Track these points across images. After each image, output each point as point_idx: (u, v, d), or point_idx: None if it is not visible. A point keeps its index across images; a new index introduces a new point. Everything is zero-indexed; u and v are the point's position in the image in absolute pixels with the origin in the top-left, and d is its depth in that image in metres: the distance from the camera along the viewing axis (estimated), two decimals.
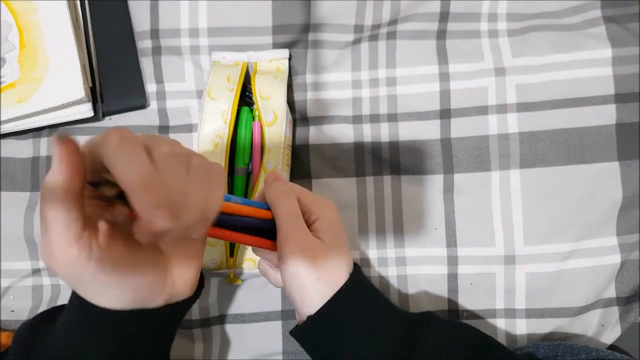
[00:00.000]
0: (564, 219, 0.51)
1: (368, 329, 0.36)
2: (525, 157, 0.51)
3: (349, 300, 0.36)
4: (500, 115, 0.52)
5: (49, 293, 0.53)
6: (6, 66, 0.52)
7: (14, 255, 0.53)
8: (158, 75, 0.55)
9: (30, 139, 0.55)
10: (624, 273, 0.50)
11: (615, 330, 0.51)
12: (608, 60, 0.51)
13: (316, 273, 0.35)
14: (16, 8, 0.52)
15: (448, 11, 0.54)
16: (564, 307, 0.50)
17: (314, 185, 0.53)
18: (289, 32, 0.54)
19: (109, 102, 0.54)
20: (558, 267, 0.50)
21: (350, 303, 0.36)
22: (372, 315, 0.37)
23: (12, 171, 0.54)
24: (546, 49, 0.52)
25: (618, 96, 0.51)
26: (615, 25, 0.52)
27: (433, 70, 0.53)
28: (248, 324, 0.52)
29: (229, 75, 0.51)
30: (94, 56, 0.54)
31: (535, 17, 0.54)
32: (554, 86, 0.51)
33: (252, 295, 0.52)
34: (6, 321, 0.53)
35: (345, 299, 0.36)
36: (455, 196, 0.52)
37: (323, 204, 0.39)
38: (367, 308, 0.37)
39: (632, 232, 0.50)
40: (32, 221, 0.53)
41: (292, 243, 0.36)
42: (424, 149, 0.52)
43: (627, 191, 0.50)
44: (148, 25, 0.55)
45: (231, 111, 0.49)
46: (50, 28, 0.52)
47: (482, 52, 0.53)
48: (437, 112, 0.52)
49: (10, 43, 0.52)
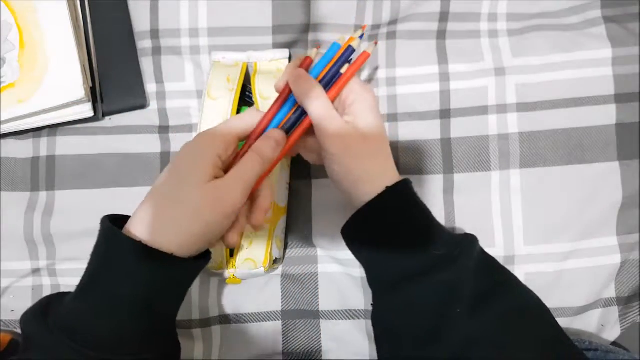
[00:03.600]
0: (564, 219, 0.51)
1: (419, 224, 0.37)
2: (525, 157, 0.51)
3: (398, 191, 0.37)
4: (500, 115, 0.52)
5: (49, 293, 0.53)
6: (6, 66, 0.52)
7: (14, 255, 0.53)
8: (158, 75, 0.55)
9: (30, 139, 0.55)
10: (624, 273, 0.50)
11: (615, 330, 0.51)
12: (608, 60, 0.51)
13: (355, 160, 0.37)
14: (16, 8, 0.52)
15: (448, 11, 0.54)
16: (563, 306, 0.50)
17: (314, 186, 0.53)
18: (289, 32, 0.54)
19: (109, 102, 0.54)
20: (558, 267, 0.50)
21: (399, 194, 0.37)
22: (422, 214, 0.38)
23: (12, 171, 0.54)
24: (546, 49, 0.52)
25: (618, 96, 0.51)
26: (615, 25, 0.52)
27: (433, 70, 0.53)
28: (248, 324, 0.52)
29: (229, 75, 0.51)
30: (94, 56, 0.54)
31: (535, 17, 0.53)
32: (554, 86, 0.51)
33: (252, 295, 0.52)
34: (6, 321, 0.53)
35: (394, 193, 0.37)
36: (455, 196, 0.52)
37: (360, 88, 0.39)
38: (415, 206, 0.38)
39: (632, 232, 0.51)
40: (32, 221, 0.53)
41: (325, 130, 0.37)
42: (424, 148, 0.52)
43: (627, 191, 0.50)
44: (148, 25, 0.55)
45: (231, 111, 0.48)
46: (50, 28, 0.52)
47: (482, 52, 0.53)
48: (437, 112, 0.52)
49: (10, 43, 0.52)
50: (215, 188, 0.34)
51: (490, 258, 0.37)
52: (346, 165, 0.37)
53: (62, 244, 0.53)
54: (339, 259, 0.52)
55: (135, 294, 0.33)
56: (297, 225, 0.53)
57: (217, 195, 0.34)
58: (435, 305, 0.34)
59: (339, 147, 0.37)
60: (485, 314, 0.33)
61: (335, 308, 0.51)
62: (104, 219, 0.35)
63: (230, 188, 0.35)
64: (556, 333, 0.34)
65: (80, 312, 0.33)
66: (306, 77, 0.38)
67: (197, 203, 0.34)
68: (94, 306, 0.33)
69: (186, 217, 0.34)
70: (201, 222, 0.34)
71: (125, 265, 0.33)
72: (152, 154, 0.54)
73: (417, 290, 0.35)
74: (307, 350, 0.50)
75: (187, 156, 0.36)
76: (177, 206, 0.34)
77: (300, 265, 0.52)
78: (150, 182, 0.53)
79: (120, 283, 0.33)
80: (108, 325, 0.32)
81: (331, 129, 0.37)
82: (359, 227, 0.38)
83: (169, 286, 0.35)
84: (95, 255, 0.34)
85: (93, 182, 0.53)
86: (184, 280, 0.37)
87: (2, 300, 0.53)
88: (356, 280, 0.51)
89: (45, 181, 0.54)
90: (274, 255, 0.49)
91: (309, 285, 0.52)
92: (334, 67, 0.40)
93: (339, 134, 0.37)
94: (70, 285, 0.53)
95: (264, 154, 0.37)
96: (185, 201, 0.34)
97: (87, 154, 0.54)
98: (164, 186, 0.35)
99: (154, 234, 0.33)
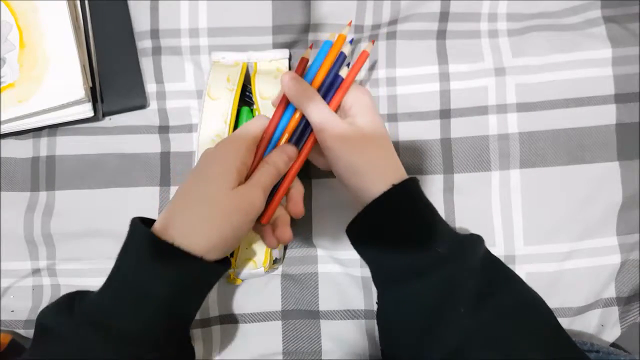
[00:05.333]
0: (564, 219, 0.51)
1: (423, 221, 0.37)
2: (525, 157, 0.51)
3: (406, 187, 0.37)
4: (500, 115, 0.52)
5: (49, 293, 0.53)
6: (6, 66, 0.52)
7: (14, 255, 0.53)
8: (158, 75, 0.55)
9: (30, 139, 0.55)
10: (624, 273, 0.50)
11: (615, 330, 0.51)
12: (608, 60, 0.51)
13: (360, 158, 0.37)
14: (16, 8, 0.52)
15: (448, 11, 0.54)
16: (563, 307, 0.50)
17: (314, 185, 0.53)
18: (289, 32, 0.54)
19: (109, 102, 0.54)
20: (558, 267, 0.50)
21: (407, 191, 0.38)
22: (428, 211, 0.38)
23: (12, 171, 0.54)
24: (546, 49, 0.52)
25: (618, 96, 0.51)
26: (615, 25, 0.52)
27: (433, 70, 0.53)
28: (248, 324, 0.52)
29: (229, 75, 0.51)
30: (94, 56, 0.54)
31: (535, 17, 0.53)
32: (554, 86, 0.51)
33: (252, 295, 0.52)
34: (6, 321, 0.53)
35: (402, 189, 0.37)
36: (455, 196, 0.52)
37: (356, 90, 0.40)
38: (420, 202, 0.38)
39: (632, 232, 0.50)
40: (32, 221, 0.53)
41: (326, 133, 0.38)
42: (424, 148, 0.52)
43: (627, 191, 0.50)
44: (148, 25, 0.55)
45: (231, 111, 0.49)
46: (50, 28, 0.52)
47: (482, 52, 0.53)
48: (437, 112, 0.52)
49: (10, 43, 0.52)
50: (242, 194, 0.36)
51: (494, 258, 0.38)
52: (352, 163, 0.38)
53: (62, 244, 0.53)
54: (339, 258, 0.52)
55: (163, 295, 0.34)
56: (297, 225, 0.53)
57: (245, 200, 0.36)
58: (437, 301, 0.34)
59: (342, 148, 0.38)
60: (486, 312, 0.33)
61: (335, 308, 0.51)
62: (134, 220, 0.36)
63: (255, 194, 0.37)
64: (557, 331, 0.34)
65: (108, 308, 0.34)
66: (300, 84, 0.39)
67: (228, 207, 0.35)
68: (122, 303, 0.34)
69: (217, 220, 0.35)
70: (231, 225, 0.36)
71: (155, 267, 0.34)
72: (152, 154, 0.54)
73: (419, 286, 0.35)
74: (307, 350, 0.50)
75: (214, 163, 0.38)
76: (208, 210, 0.35)
77: (300, 265, 0.52)
78: (150, 182, 0.53)
79: (149, 283, 0.34)
80: (135, 322, 0.34)
81: (333, 131, 0.38)
82: (365, 225, 0.38)
83: (194, 288, 0.37)
84: (125, 254, 0.36)
85: (93, 182, 0.53)
86: (208, 282, 0.38)
87: (2, 300, 0.53)
88: (356, 280, 0.51)
89: (45, 181, 0.54)
90: (274, 255, 0.49)
91: (309, 285, 0.52)
92: (332, 71, 0.41)
93: (341, 135, 0.38)
94: (70, 285, 0.53)
95: (278, 167, 0.39)
96: (215, 205, 0.35)
97: (87, 154, 0.54)
98: (193, 191, 0.37)
99: (184, 236, 0.34)
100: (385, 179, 0.37)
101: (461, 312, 0.33)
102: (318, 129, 0.39)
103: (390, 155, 0.39)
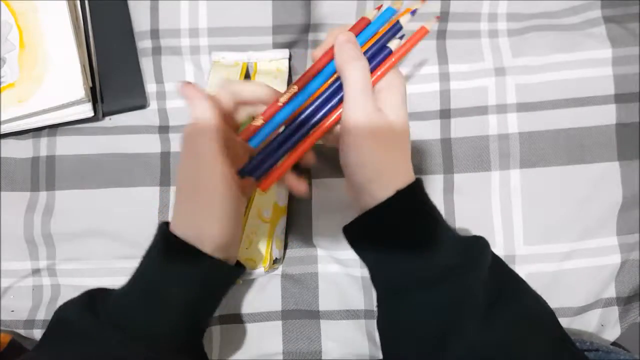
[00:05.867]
0: (564, 219, 0.51)
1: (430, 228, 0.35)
2: (525, 157, 0.51)
3: (414, 191, 0.35)
4: (500, 115, 0.52)
5: (49, 293, 0.53)
6: (6, 66, 0.52)
7: (14, 255, 0.53)
8: (158, 75, 0.55)
9: (30, 139, 0.55)
10: (624, 273, 0.50)
11: (615, 330, 0.51)
12: (608, 60, 0.51)
13: (379, 157, 0.34)
14: (16, 8, 0.52)
15: (448, 11, 0.54)
16: (563, 306, 0.50)
17: (314, 186, 0.53)
18: (289, 32, 0.54)
19: (109, 102, 0.54)
20: (558, 267, 0.50)
21: (414, 194, 0.35)
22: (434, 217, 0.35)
23: (12, 171, 0.54)
24: (546, 49, 0.52)
25: (618, 96, 0.51)
26: (615, 25, 0.52)
27: (433, 70, 0.53)
28: (248, 324, 0.52)
29: (229, 76, 0.51)
30: (94, 56, 0.54)
31: (535, 17, 0.54)
32: (554, 86, 0.51)
33: (252, 295, 0.52)
34: (6, 321, 0.53)
35: (412, 191, 0.34)
36: (455, 196, 0.52)
37: (393, 73, 0.35)
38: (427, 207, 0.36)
39: (632, 232, 0.51)
40: (32, 221, 0.53)
41: (357, 114, 0.33)
42: (424, 148, 0.52)
43: (627, 191, 0.50)
44: (148, 25, 0.55)
45: None
46: (50, 28, 0.52)
47: (482, 52, 0.53)
48: (437, 112, 0.52)
49: (10, 43, 0.52)
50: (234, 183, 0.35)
51: (500, 263, 0.36)
52: (369, 161, 0.34)
53: (62, 244, 0.53)
54: (339, 259, 0.52)
55: (185, 297, 0.34)
56: (297, 225, 0.53)
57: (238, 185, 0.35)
58: (443, 313, 0.33)
59: (366, 139, 0.33)
60: (494, 324, 0.32)
61: (335, 308, 0.51)
62: (161, 225, 0.35)
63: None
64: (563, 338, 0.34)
65: (132, 308, 0.34)
66: (355, 44, 0.34)
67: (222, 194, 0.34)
68: (147, 304, 0.34)
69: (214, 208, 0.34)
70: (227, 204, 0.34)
71: (179, 269, 0.34)
72: (152, 154, 0.54)
73: (424, 298, 0.33)
74: (307, 350, 0.50)
75: (192, 174, 0.35)
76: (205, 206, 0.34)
77: (300, 265, 0.52)
78: (150, 182, 0.53)
79: (174, 284, 0.34)
80: (159, 323, 0.34)
81: (364, 118, 0.33)
82: (363, 228, 0.36)
83: (213, 290, 0.37)
84: (150, 256, 0.35)
85: (93, 182, 0.53)
86: (226, 283, 0.38)
87: (2, 300, 0.53)
88: (356, 280, 0.51)
89: (45, 181, 0.54)
90: (274, 255, 0.49)
91: (309, 285, 0.52)
92: (380, 40, 0.36)
93: (371, 125, 0.33)
94: (70, 285, 0.53)
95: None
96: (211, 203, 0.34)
97: (87, 154, 0.54)
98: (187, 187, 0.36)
99: (194, 235, 0.34)
100: (394, 185, 0.34)
101: (469, 324, 0.32)
102: (351, 105, 0.33)
103: (406, 158, 0.36)
